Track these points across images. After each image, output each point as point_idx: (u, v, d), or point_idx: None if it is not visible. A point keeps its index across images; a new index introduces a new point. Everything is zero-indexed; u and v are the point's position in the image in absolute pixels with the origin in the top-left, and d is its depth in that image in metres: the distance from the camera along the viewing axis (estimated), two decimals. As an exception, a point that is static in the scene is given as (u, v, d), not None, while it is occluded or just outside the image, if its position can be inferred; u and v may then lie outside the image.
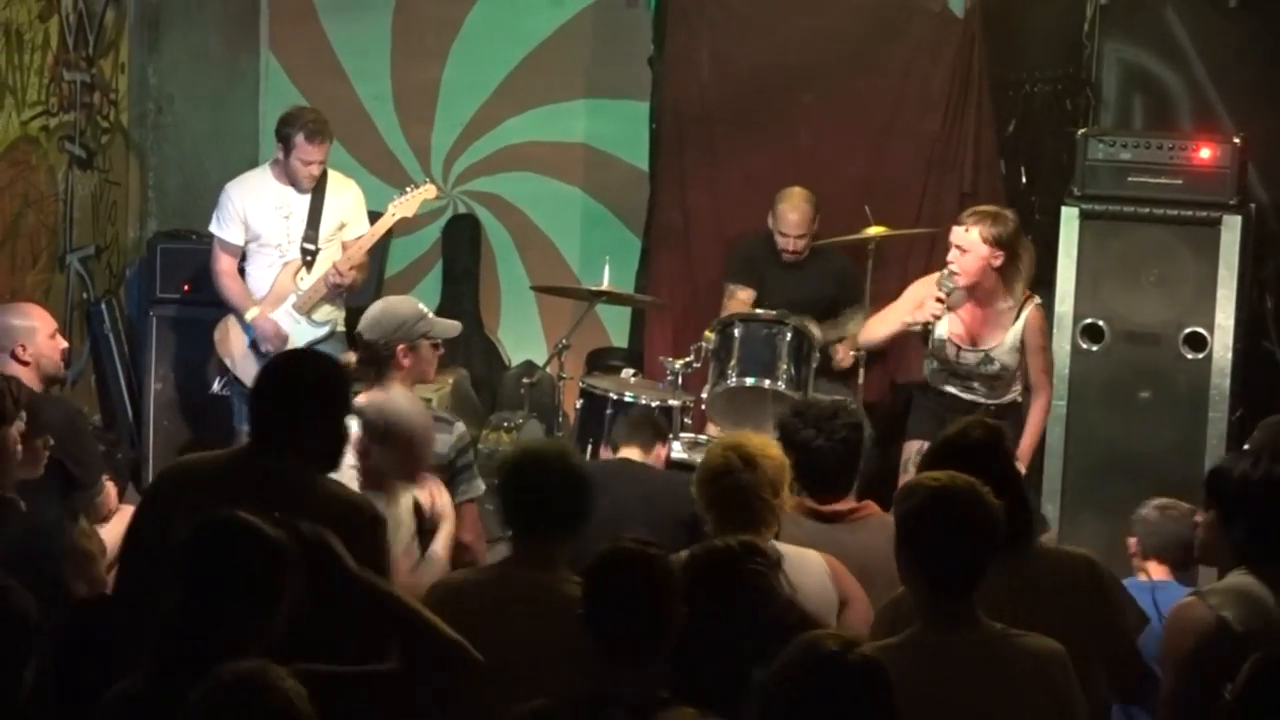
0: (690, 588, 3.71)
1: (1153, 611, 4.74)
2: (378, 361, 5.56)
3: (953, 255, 6.85)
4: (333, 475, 4.29)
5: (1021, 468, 6.37)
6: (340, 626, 3.65)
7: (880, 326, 7.19)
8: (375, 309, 5.79)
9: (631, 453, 6.06)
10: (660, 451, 6.20)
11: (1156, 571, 5.55)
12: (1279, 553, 4.24)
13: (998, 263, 6.79)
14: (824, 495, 5.11)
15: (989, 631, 3.81)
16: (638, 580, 3.59)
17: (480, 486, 5.56)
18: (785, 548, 4.46)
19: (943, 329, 6.94)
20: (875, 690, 3.16)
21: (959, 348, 6.95)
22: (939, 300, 6.83)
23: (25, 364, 5.84)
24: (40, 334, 5.96)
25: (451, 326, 5.86)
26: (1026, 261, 6.91)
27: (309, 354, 5.04)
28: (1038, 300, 6.99)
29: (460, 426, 5.62)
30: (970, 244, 6.78)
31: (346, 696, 3.35)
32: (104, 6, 8.46)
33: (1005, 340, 6.92)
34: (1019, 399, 7.09)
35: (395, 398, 5.28)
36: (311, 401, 4.23)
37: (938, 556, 3.80)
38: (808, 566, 4.48)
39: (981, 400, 7.00)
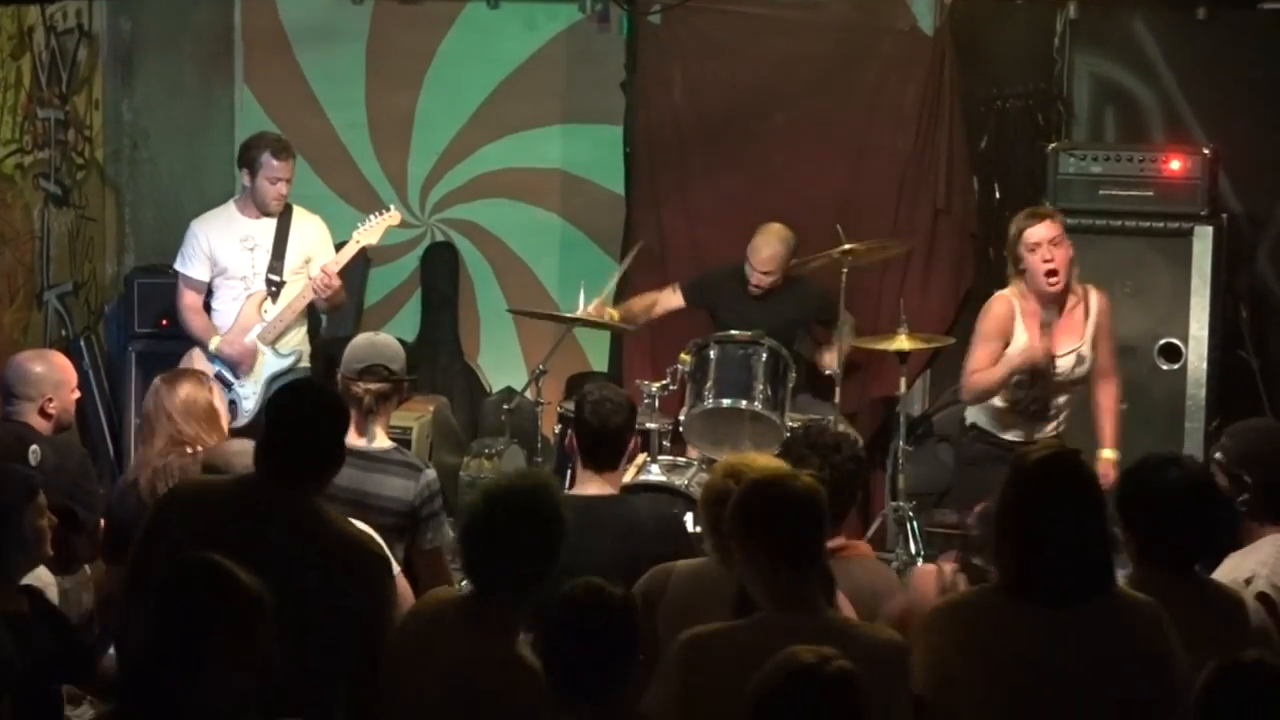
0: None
1: None
2: (401, 394, 5.64)
3: (1048, 254, 6.50)
4: None
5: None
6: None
7: (989, 378, 6.65)
8: (394, 345, 5.68)
9: (591, 485, 5.40)
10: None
11: None
12: (1164, 559, 4.24)
13: (1072, 253, 6.60)
14: None
15: (832, 619, 3.95)
16: (595, 620, 3.68)
17: (448, 534, 5.45)
18: None
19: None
20: (849, 700, 3.34)
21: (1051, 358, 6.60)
22: (1042, 327, 6.54)
23: (48, 417, 5.92)
24: (65, 388, 6.05)
25: None
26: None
27: (315, 384, 5.16)
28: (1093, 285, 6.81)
29: (429, 474, 5.48)
30: (1061, 238, 6.51)
31: None
32: (77, 43, 8.49)
33: (1086, 333, 6.67)
34: None
35: None
36: (329, 430, 4.38)
37: (770, 528, 3.91)
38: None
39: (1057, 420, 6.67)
